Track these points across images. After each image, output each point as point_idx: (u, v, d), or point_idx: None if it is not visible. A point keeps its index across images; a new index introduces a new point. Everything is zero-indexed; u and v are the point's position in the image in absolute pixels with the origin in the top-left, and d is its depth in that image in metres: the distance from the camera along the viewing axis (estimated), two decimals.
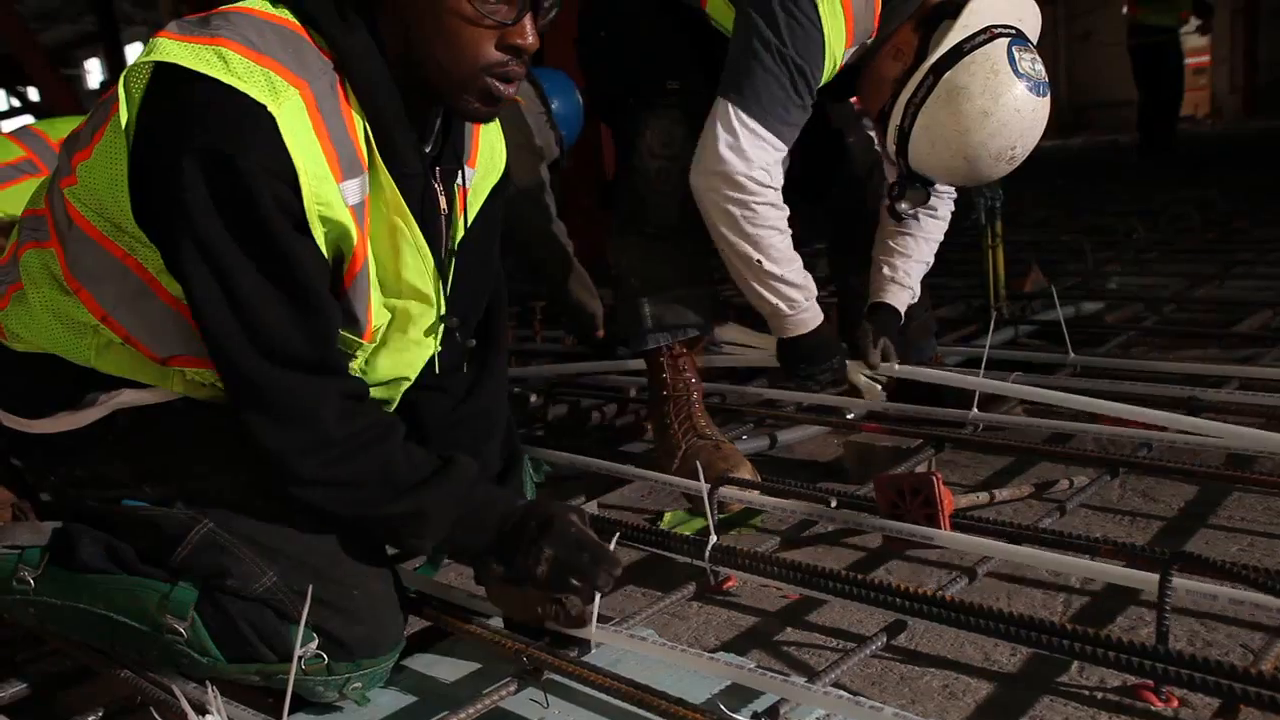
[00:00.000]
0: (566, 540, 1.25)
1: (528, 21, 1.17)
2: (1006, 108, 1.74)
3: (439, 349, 1.39)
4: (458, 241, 1.36)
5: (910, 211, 1.98)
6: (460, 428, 1.45)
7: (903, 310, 2.15)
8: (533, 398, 2.79)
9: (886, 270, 2.14)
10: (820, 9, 1.77)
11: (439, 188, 1.29)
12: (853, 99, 2.11)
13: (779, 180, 1.88)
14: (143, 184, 1.14)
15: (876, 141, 1.89)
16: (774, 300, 1.93)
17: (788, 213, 1.91)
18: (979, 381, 2.09)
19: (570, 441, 2.47)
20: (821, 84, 1.86)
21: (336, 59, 1.16)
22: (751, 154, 1.81)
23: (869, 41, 1.87)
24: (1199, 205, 4.83)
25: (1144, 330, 2.98)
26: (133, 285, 1.20)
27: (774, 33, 1.79)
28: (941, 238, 2.17)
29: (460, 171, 1.34)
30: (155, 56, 1.11)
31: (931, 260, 2.17)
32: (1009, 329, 2.94)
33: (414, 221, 1.23)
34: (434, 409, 1.45)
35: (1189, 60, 16.38)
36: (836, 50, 1.82)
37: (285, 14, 1.17)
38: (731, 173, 1.81)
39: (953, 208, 2.15)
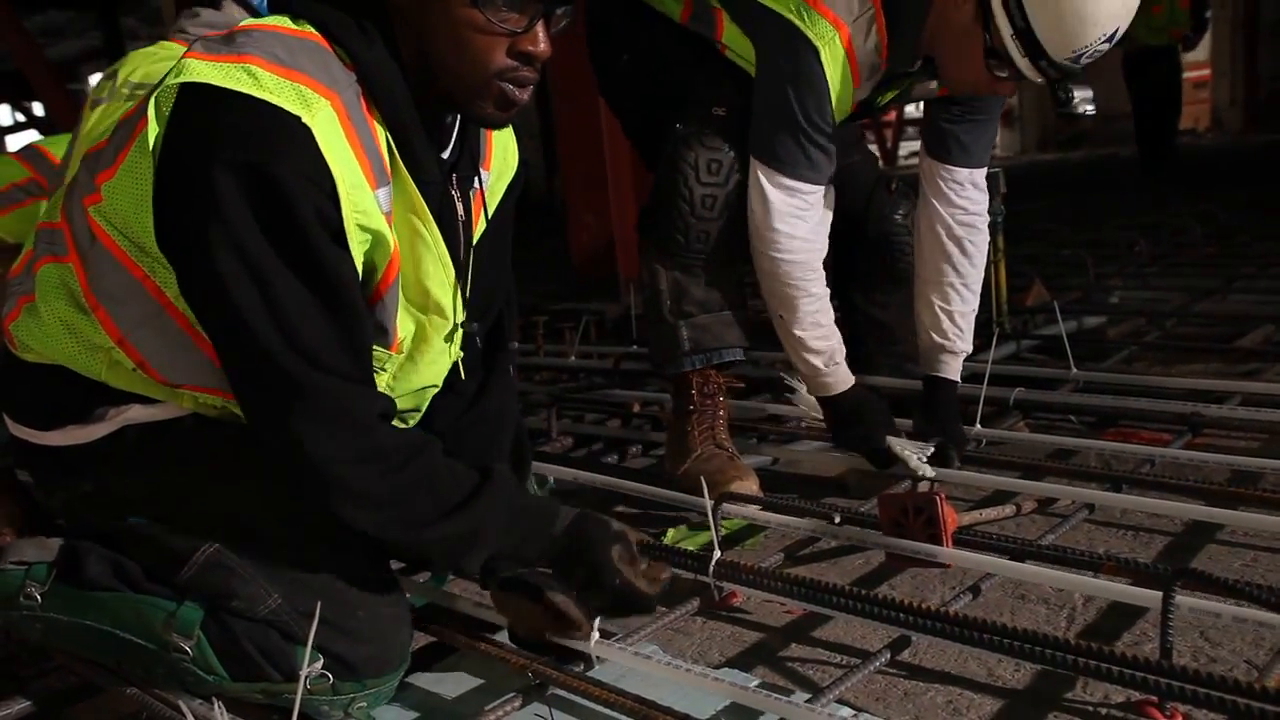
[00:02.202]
0: (613, 592, 1.26)
1: (539, 29, 1.18)
2: None
3: (461, 354, 1.40)
4: (475, 244, 1.37)
5: (1090, 110, 1.83)
6: (472, 428, 1.46)
7: (958, 378, 2.09)
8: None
9: (936, 336, 2.07)
10: (823, 56, 1.80)
11: (456, 195, 1.31)
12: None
13: (816, 230, 1.90)
14: (168, 200, 1.14)
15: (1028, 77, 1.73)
16: (794, 358, 1.96)
17: (820, 279, 1.91)
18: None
19: (573, 456, 2.47)
20: (839, 120, 1.87)
21: (358, 71, 1.17)
22: (783, 207, 1.86)
23: (881, 72, 1.88)
24: (1200, 219, 4.84)
25: (1146, 345, 2.98)
26: (150, 308, 1.20)
27: (781, 87, 1.84)
28: (983, 273, 2.09)
29: (476, 176, 1.35)
30: (185, 77, 1.12)
31: (977, 306, 2.11)
32: (1011, 344, 2.94)
33: (437, 230, 1.25)
34: (446, 410, 1.45)
35: (1189, 74, 16.41)
36: (844, 94, 1.85)
37: (308, 29, 1.18)
38: (766, 228, 1.88)
39: (989, 236, 2.10)
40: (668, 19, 2.01)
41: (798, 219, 1.87)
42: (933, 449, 1.91)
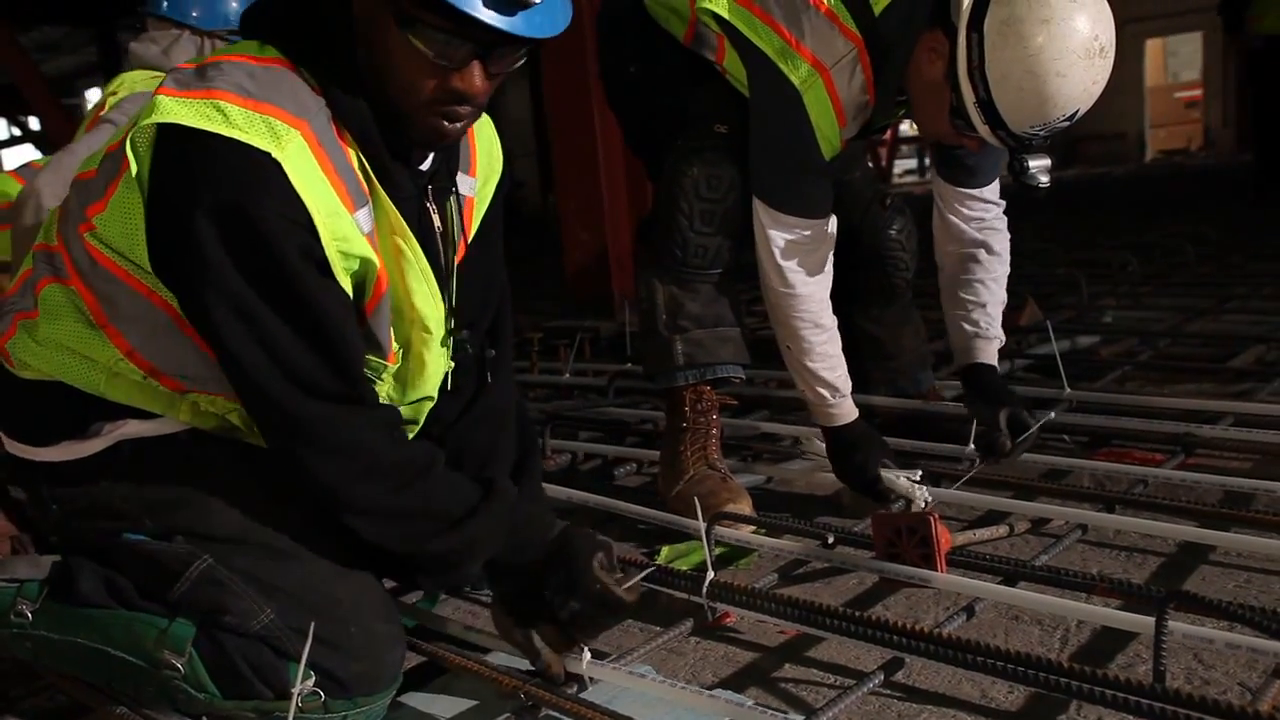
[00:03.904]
0: (590, 597, 1.29)
1: (475, 68, 1.17)
2: (1063, 6, 1.63)
3: (452, 363, 1.41)
4: (465, 251, 1.38)
5: (1045, 180, 1.82)
6: (474, 427, 1.49)
7: (996, 363, 2.11)
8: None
9: (969, 326, 2.09)
10: (805, 100, 1.82)
11: (433, 208, 1.32)
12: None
13: (821, 263, 1.91)
14: (156, 241, 1.18)
15: (984, 141, 1.76)
16: (801, 387, 1.97)
17: (827, 311, 1.92)
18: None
19: (567, 474, 2.47)
20: (829, 158, 1.89)
21: (326, 95, 1.19)
22: (784, 242, 1.88)
23: (870, 108, 1.89)
24: (1193, 239, 4.86)
25: (1139, 364, 2.99)
26: (160, 320, 1.23)
27: (769, 129, 1.87)
28: (1008, 271, 2.12)
29: (455, 187, 1.36)
30: (156, 118, 1.14)
31: (1005, 297, 2.13)
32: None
33: (417, 244, 1.26)
34: (447, 409, 1.47)
35: (1181, 95, 16.52)
36: (830, 134, 1.86)
37: (274, 54, 1.19)
38: (771, 262, 1.90)
39: (1008, 237, 2.12)
40: (673, 37, 2.03)
41: (800, 252, 1.89)
42: (919, 475, 1.90)
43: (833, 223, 1.93)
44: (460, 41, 1.14)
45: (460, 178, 1.38)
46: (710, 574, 1.54)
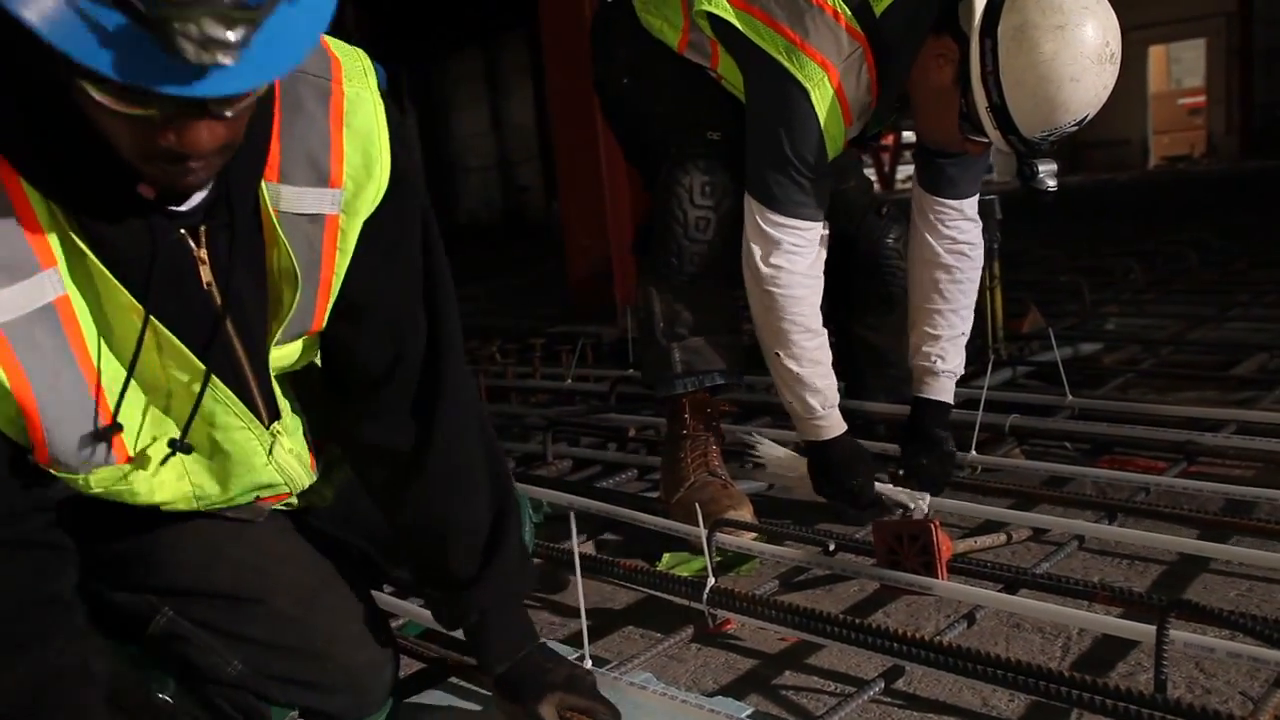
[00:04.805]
0: None
1: (197, 122, 0.85)
2: (1075, 13, 1.65)
3: (278, 434, 1.16)
4: (331, 287, 1.13)
5: (1052, 185, 1.82)
6: (422, 497, 1.24)
7: (950, 399, 2.09)
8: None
9: (925, 360, 2.08)
10: (812, 97, 1.80)
11: (201, 255, 1.03)
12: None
13: (813, 267, 1.90)
14: None
15: (994, 148, 1.76)
16: (789, 398, 1.94)
17: (818, 316, 1.91)
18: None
19: (569, 480, 2.47)
20: (831, 158, 1.88)
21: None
22: (779, 244, 1.87)
23: (872, 108, 1.89)
24: (1196, 246, 4.86)
25: (1141, 372, 2.99)
26: None
27: (773, 128, 1.85)
28: (974, 299, 2.10)
29: (232, 212, 1.03)
30: None
31: (968, 330, 2.11)
32: (1007, 370, 2.95)
33: (143, 310, 1.00)
34: (382, 478, 1.26)
35: (1185, 101, 16.52)
36: (836, 133, 1.85)
37: None
38: (763, 263, 1.88)
39: (981, 264, 2.11)
40: (666, 45, 2.03)
41: (794, 255, 1.87)
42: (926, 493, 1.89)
43: (825, 228, 1.93)
44: (151, 97, 0.82)
45: (303, 193, 1.07)
46: (711, 580, 1.55)
